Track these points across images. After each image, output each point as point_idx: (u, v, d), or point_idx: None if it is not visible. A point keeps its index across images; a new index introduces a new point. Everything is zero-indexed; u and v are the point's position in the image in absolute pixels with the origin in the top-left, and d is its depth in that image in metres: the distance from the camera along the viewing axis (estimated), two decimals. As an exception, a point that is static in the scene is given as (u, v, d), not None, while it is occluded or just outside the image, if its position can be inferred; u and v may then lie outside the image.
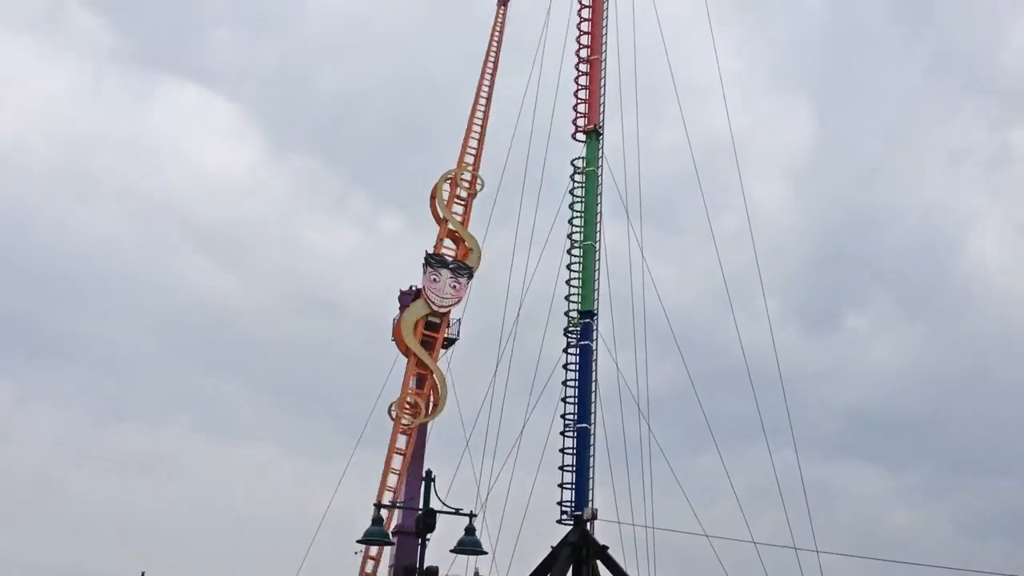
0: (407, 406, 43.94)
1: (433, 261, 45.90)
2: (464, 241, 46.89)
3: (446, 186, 47.00)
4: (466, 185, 47.11)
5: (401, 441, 44.01)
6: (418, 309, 45.14)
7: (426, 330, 45.60)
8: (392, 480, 42.31)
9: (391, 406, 44.11)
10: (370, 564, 39.65)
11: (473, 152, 46.71)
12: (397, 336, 45.08)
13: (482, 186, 46.80)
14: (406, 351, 44.99)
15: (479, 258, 46.48)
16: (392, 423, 43.68)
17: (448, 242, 47.27)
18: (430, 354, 45.04)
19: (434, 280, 45.77)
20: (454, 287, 45.80)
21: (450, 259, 46.36)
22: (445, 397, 44.39)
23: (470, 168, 47.18)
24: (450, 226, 46.90)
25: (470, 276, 46.20)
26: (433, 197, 46.99)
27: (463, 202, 47.24)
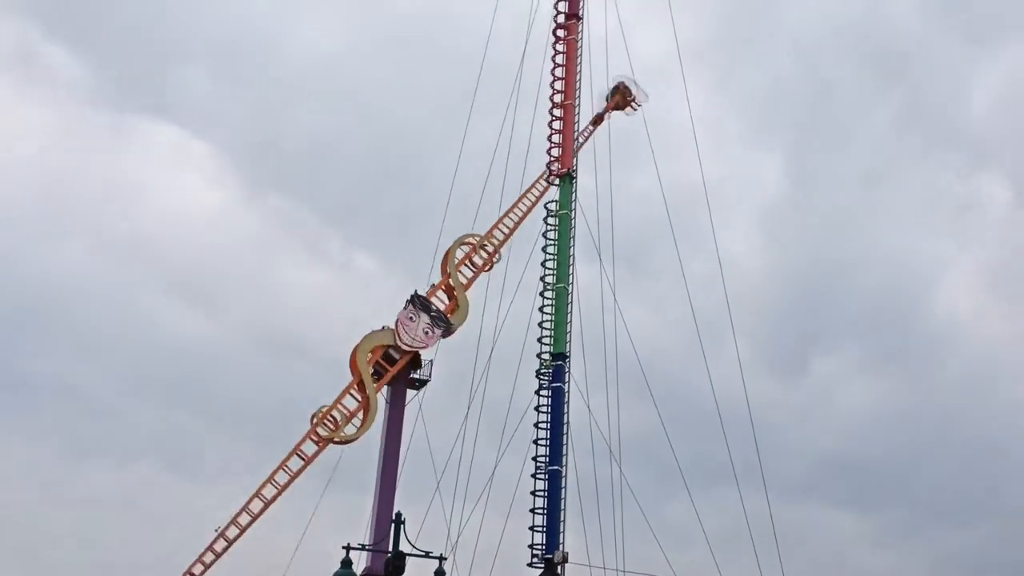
0: (330, 419, 43.67)
1: (417, 302, 45.87)
2: (457, 300, 46.93)
3: (460, 250, 47.11)
4: (484, 256, 47.07)
5: (310, 448, 43.63)
6: (382, 337, 45.07)
7: (382, 359, 45.58)
8: (268, 491, 41.70)
9: (314, 414, 43.78)
10: None
11: (506, 230, 45.26)
12: (352, 357, 44.98)
13: (498, 260, 46.43)
14: (353, 369, 44.84)
15: (463, 319, 46.41)
16: (308, 429, 43.05)
17: (441, 294, 47.39)
18: (376, 384, 44.95)
19: (411, 319, 45.67)
20: (427, 333, 45.69)
21: (434, 309, 46.33)
22: (368, 427, 44.05)
23: (495, 242, 46.80)
24: (451, 282, 47.06)
25: (447, 331, 46.20)
26: (447, 254, 46.94)
27: (474, 268, 47.32)
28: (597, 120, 49.17)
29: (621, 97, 49.58)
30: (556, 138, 37.25)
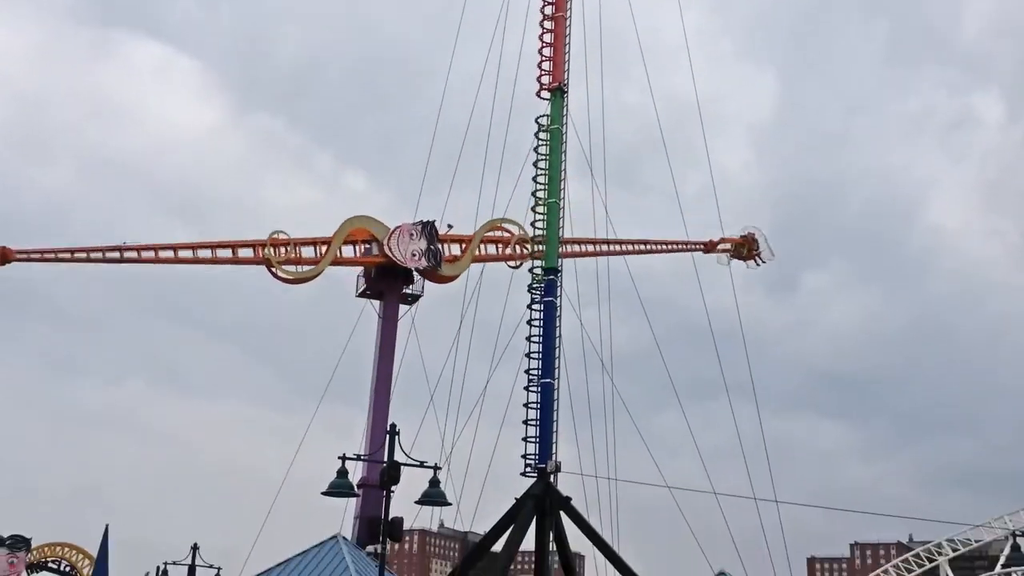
0: (519, 248, 45.07)
1: (427, 228, 46.50)
2: (463, 258, 47.63)
3: (496, 232, 47.79)
4: (516, 250, 47.35)
5: (246, 253, 44.93)
6: (369, 223, 46.15)
7: (377, 275, 46.41)
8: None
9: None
10: None
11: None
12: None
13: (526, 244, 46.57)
14: (334, 237, 46.01)
15: (456, 274, 47.18)
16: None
17: (456, 245, 48.15)
18: (465, 244, 46.15)
19: (411, 235, 46.37)
20: (414, 255, 46.36)
21: (436, 245, 46.96)
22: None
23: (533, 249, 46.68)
24: (470, 245, 47.81)
25: (432, 269, 46.94)
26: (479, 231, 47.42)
27: (500, 253, 47.91)
28: (710, 248, 49.56)
29: (747, 247, 49.95)
30: (547, 51, 36.87)
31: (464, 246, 47.69)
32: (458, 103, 46.15)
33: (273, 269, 45.34)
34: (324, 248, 46.07)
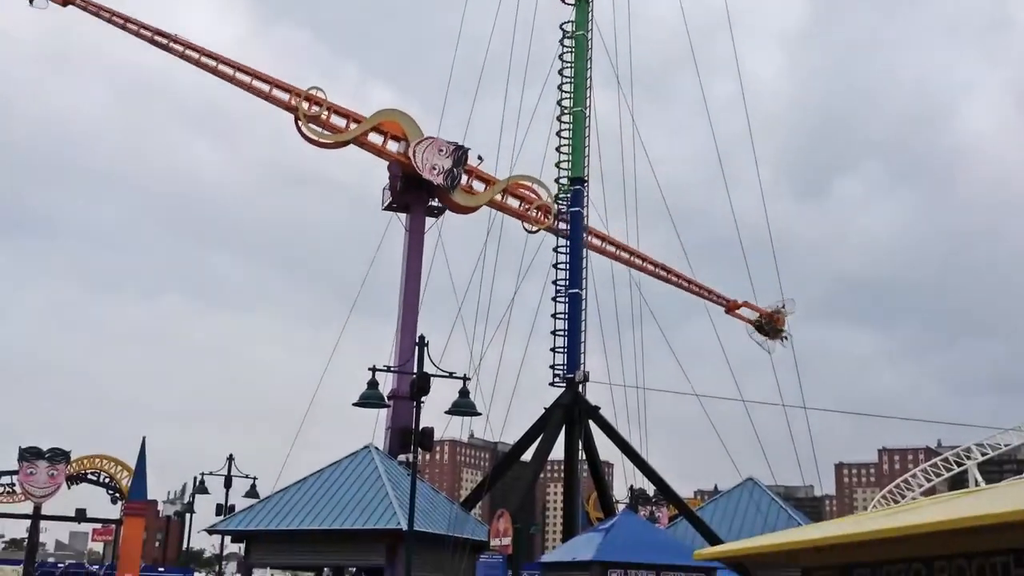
0: (536, 212, 45.45)
1: (458, 152, 46.14)
2: (482, 195, 47.34)
3: (518, 189, 47.36)
4: (536, 212, 46.77)
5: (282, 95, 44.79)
6: (401, 117, 46.21)
7: (403, 183, 46.50)
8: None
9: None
10: None
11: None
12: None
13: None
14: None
15: (471, 205, 46.99)
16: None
17: (480, 182, 47.81)
18: (490, 184, 46.41)
19: (440, 150, 46.14)
20: (434, 169, 46.21)
21: (459, 170, 46.73)
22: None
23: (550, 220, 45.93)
24: (493, 188, 47.40)
25: (446, 192, 46.73)
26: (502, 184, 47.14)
27: (519, 208, 47.47)
28: (732, 308, 48.53)
29: (772, 322, 48.59)
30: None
31: (487, 186, 47.21)
32: (483, 12, 45.40)
33: (300, 123, 44.89)
34: (354, 122, 45.84)
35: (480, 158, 46.35)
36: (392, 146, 46.03)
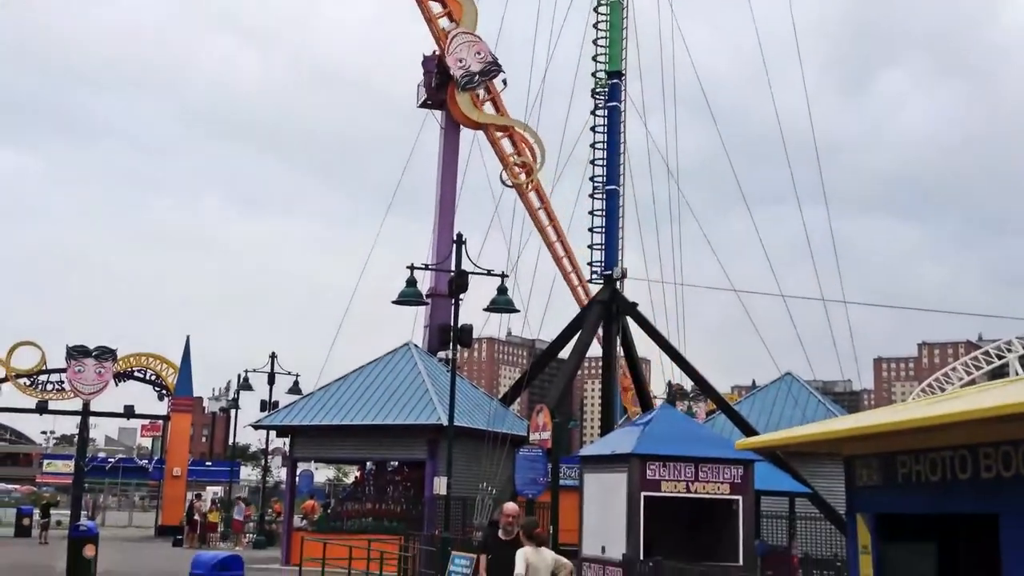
0: (517, 168, 44.14)
1: (489, 62, 44.99)
2: (488, 113, 45.55)
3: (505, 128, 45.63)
4: (516, 163, 45.29)
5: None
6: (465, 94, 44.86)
7: (435, 85, 45.41)
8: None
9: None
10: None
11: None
12: (462, 119, 44.71)
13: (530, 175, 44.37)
14: (477, 126, 44.79)
15: (474, 120, 45.09)
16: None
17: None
18: (500, 114, 44.96)
19: (478, 54, 45.26)
20: (461, 62, 45.07)
21: (484, 76, 45.47)
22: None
23: (526, 161, 44.53)
24: (498, 110, 45.64)
25: (462, 89, 45.48)
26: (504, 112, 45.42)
27: (510, 139, 45.74)
28: None
29: None
30: None
31: (498, 110, 45.83)
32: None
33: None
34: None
35: (504, 83, 45.36)
36: (443, 23, 45.05)
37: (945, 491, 6.72)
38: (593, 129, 32.88)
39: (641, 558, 16.40)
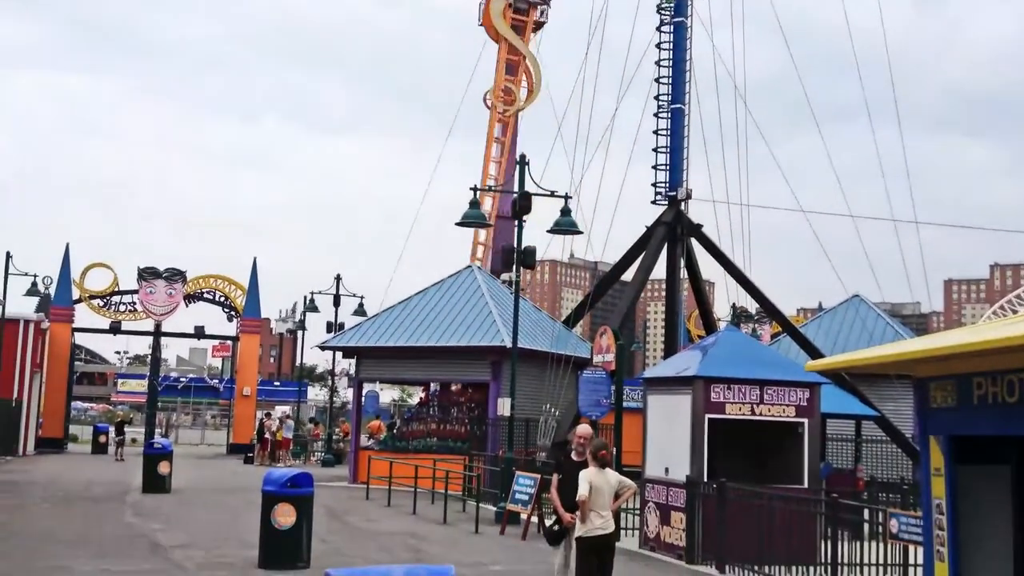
0: (502, 94, 43.93)
1: None
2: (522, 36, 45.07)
3: None
4: None
5: (498, 130, 44.33)
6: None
7: (515, 14, 44.66)
8: (492, 169, 43.07)
9: (486, 95, 44.07)
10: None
11: None
12: (487, 21, 44.23)
13: None
14: (496, 36, 44.32)
15: None
16: (488, 112, 43.74)
17: None
18: (521, 38, 44.34)
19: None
20: None
21: None
22: (539, 83, 44.05)
23: None
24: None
25: None
26: None
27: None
28: None
29: None
30: None
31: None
32: None
33: (520, 109, 44.57)
34: (510, 50, 44.50)
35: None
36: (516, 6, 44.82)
37: (1021, 413, 6.54)
38: (658, 46, 32.19)
39: (705, 480, 16.40)
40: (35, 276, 43.37)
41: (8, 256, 40.69)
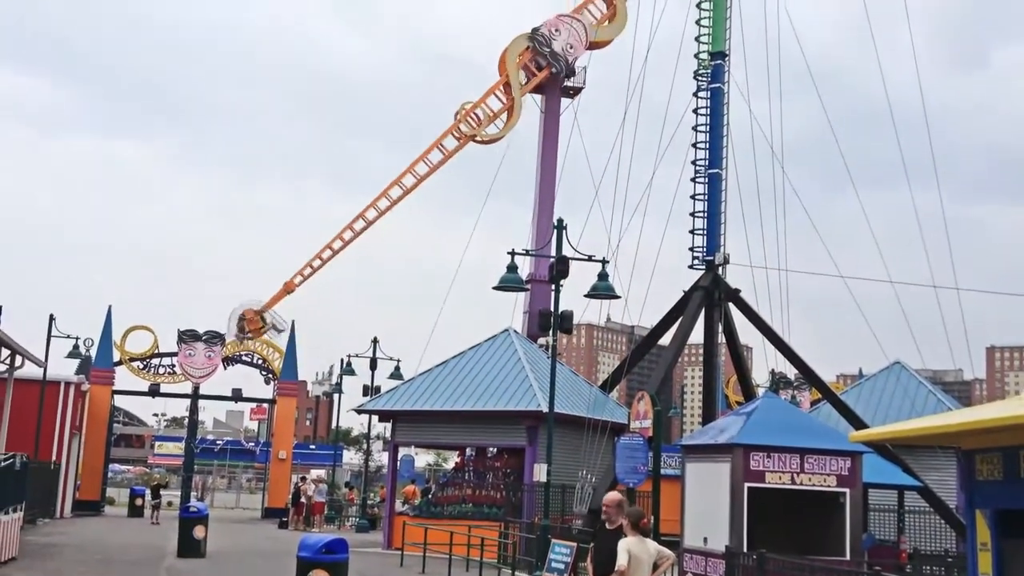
0: (473, 116, 44.78)
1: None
2: (616, 8, 45.97)
3: None
4: None
5: (451, 144, 45.33)
6: (525, 41, 45.48)
7: (533, 66, 45.65)
8: (422, 169, 44.76)
9: (458, 110, 44.90)
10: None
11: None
12: (501, 59, 45.29)
13: None
14: (501, 69, 45.43)
15: (618, 31, 45.84)
16: (451, 124, 44.74)
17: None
18: (523, 86, 45.26)
19: (573, 23, 45.39)
20: (570, 47, 45.12)
21: (589, 21, 45.73)
22: (510, 127, 44.93)
23: None
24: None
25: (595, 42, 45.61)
26: None
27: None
28: None
29: None
30: None
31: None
32: None
33: (479, 140, 45.57)
34: (504, 91, 45.42)
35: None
36: (537, 64, 45.68)
37: (1074, 489, 6.36)
38: (695, 111, 32.37)
39: (744, 550, 16.09)
40: (77, 338, 43.89)
41: (51, 319, 41.21)
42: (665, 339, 33.05)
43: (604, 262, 24.62)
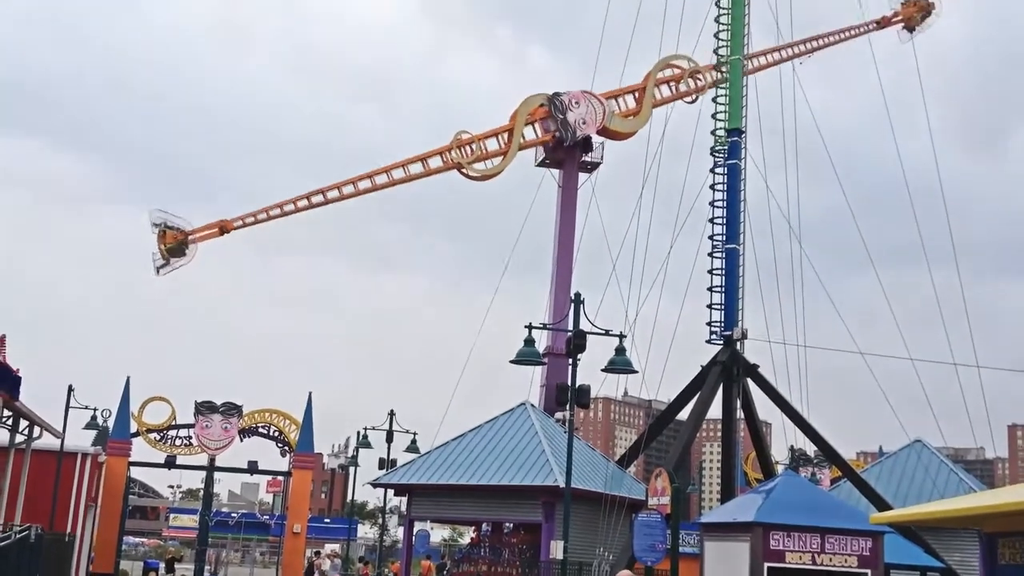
0: (468, 148, 45.28)
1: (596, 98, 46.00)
2: (642, 107, 46.76)
3: (666, 72, 46.89)
4: (691, 85, 46.18)
5: (435, 163, 45.66)
6: (542, 99, 45.98)
7: (554, 143, 46.19)
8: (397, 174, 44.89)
9: (455, 136, 45.33)
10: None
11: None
12: (514, 112, 45.91)
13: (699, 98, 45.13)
14: (512, 118, 46.04)
15: (639, 126, 46.50)
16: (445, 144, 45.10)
17: (630, 97, 47.18)
18: (523, 142, 45.89)
19: (590, 102, 45.98)
20: (584, 123, 45.73)
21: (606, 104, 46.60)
22: (500, 170, 45.36)
23: (707, 79, 45.18)
24: (646, 91, 46.99)
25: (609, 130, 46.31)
26: (649, 74, 46.79)
27: (674, 92, 46.76)
28: (883, 24, 46.94)
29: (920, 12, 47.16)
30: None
31: (638, 95, 46.50)
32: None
33: (464, 171, 45.95)
34: (507, 136, 46.01)
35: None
36: (545, 127, 46.24)
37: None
38: (712, 187, 32.58)
39: (765, 631, 15.79)
40: (95, 409, 43.89)
41: (70, 389, 41.28)
42: (683, 414, 32.87)
43: (621, 336, 24.61)
